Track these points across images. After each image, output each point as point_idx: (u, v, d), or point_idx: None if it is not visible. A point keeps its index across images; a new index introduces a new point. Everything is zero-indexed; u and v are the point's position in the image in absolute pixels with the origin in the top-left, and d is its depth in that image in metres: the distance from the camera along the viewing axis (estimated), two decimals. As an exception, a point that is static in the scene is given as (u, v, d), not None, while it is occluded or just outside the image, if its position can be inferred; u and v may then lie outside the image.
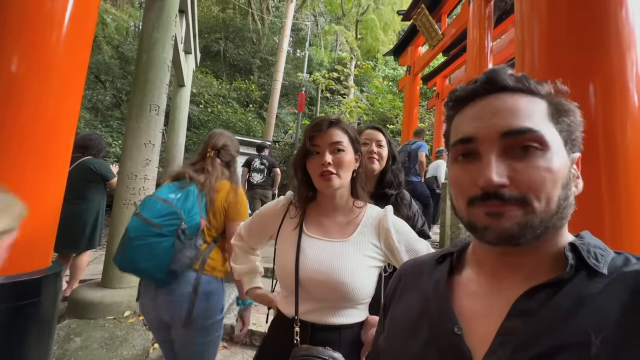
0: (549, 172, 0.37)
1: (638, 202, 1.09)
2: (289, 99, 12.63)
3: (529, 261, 0.39)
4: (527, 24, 1.35)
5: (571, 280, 0.36)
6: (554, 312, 0.35)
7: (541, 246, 0.39)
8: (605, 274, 0.35)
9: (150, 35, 3.02)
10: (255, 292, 1.08)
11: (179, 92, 5.80)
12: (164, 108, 3.11)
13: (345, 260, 0.83)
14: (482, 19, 4.11)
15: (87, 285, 2.80)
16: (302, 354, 0.75)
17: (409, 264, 0.57)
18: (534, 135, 0.37)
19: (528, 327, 0.35)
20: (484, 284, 0.42)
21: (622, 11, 1.15)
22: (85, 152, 3.01)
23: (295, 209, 0.95)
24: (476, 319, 0.40)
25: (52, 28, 1.50)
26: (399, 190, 1.38)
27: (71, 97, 1.60)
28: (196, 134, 9.74)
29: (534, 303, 0.36)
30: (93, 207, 3.01)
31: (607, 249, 0.39)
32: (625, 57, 1.13)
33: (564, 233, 0.41)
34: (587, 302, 0.34)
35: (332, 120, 0.90)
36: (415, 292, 0.49)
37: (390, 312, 0.52)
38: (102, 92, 10.11)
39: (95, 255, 4.18)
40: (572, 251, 0.37)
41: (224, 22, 13.47)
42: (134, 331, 2.38)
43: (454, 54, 5.91)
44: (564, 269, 0.36)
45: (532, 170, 0.36)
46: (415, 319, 0.45)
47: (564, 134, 0.40)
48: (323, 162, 0.85)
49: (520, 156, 0.37)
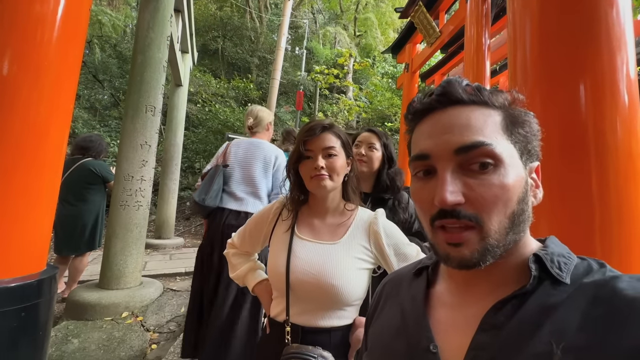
0: (502, 189, 0.36)
1: (627, 201, 1.09)
2: (287, 97, 12.60)
3: (494, 274, 0.40)
4: (519, 23, 1.35)
5: (535, 292, 0.36)
6: (519, 325, 0.35)
7: (504, 260, 0.39)
8: (568, 283, 0.35)
9: (145, 35, 3.01)
10: (263, 286, 1.01)
11: (176, 92, 5.79)
12: (160, 109, 3.11)
13: (335, 262, 0.84)
14: (479, 17, 4.08)
15: (85, 287, 2.82)
16: (292, 352, 0.76)
17: (389, 278, 0.57)
18: (486, 149, 0.36)
19: (496, 341, 0.35)
20: (456, 297, 0.42)
21: (613, 11, 1.15)
22: (85, 153, 3.02)
23: (287, 212, 0.95)
24: (450, 333, 0.40)
25: (44, 28, 1.49)
26: (395, 194, 1.39)
27: (64, 97, 1.60)
28: (194, 133, 9.73)
29: (501, 316, 0.36)
30: (93, 209, 3.02)
31: (571, 255, 0.39)
32: (616, 57, 1.13)
33: (527, 243, 0.40)
34: (550, 313, 0.34)
35: (325, 125, 0.91)
36: (394, 306, 0.49)
37: (372, 328, 0.52)
38: (100, 91, 10.10)
39: (93, 256, 4.20)
40: (536, 262, 0.37)
41: (222, 20, 13.40)
42: (132, 332, 2.39)
43: (452, 52, 5.87)
44: (529, 280, 0.37)
45: (486, 189, 0.36)
46: (394, 336, 0.45)
47: (519, 145, 0.39)
48: (316, 166, 0.87)
49: (475, 172, 0.37)
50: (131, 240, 2.83)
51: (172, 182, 5.64)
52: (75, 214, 2.91)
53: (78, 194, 2.93)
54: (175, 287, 3.29)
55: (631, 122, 1.14)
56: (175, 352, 2.06)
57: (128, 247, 2.81)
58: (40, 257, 1.49)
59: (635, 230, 1.10)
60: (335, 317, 0.84)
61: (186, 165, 8.68)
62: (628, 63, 1.14)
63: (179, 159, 5.83)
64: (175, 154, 5.72)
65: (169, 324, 2.54)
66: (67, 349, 2.17)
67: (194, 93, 10.18)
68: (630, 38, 1.16)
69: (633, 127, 1.14)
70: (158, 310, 2.71)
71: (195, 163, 9.05)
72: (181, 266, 4.03)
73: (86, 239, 2.98)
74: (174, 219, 5.77)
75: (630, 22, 1.17)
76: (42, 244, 1.51)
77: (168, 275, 3.70)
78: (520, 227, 0.38)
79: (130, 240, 2.82)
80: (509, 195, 0.36)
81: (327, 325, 0.83)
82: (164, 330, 2.44)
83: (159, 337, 2.36)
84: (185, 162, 8.38)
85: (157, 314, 2.66)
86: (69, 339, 2.27)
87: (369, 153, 1.37)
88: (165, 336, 2.37)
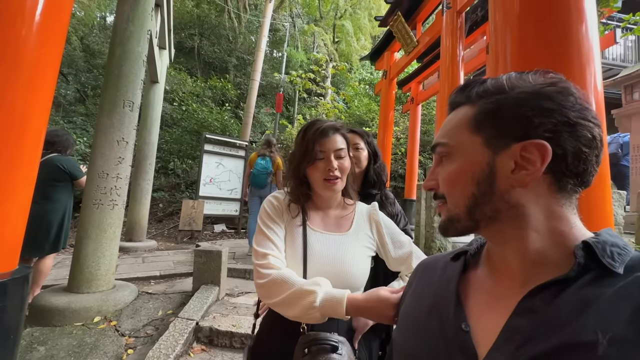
0: (452, 174, 0.44)
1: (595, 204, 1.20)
2: (266, 98, 12.49)
3: (533, 261, 0.40)
4: (500, 36, 1.46)
5: (580, 279, 0.36)
6: (559, 311, 0.34)
7: (542, 248, 0.39)
8: (621, 274, 0.34)
9: (124, 28, 2.90)
10: (331, 295, 0.74)
11: (152, 89, 5.58)
12: (138, 104, 2.99)
13: (348, 251, 0.89)
14: (454, 29, 4.32)
15: (51, 291, 2.63)
16: (312, 339, 0.76)
17: (425, 260, 0.60)
18: (443, 148, 0.46)
19: (532, 325, 0.35)
20: (494, 282, 0.43)
21: (582, 27, 1.27)
22: (50, 148, 2.81)
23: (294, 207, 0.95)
24: (484, 316, 0.41)
25: (23, 21, 1.41)
26: (382, 189, 1.44)
27: (42, 93, 1.51)
28: (169, 132, 9.38)
29: (539, 301, 0.36)
30: (59, 208, 2.82)
31: (627, 247, 0.38)
32: (585, 70, 1.25)
33: (572, 233, 0.39)
34: (596, 302, 0.33)
35: (337, 127, 0.94)
36: (428, 287, 0.51)
37: (404, 305, 0.55)
38: (65, 86, 9.47)
39: (57, 260, 3.92)
40: (584, 250, 0.37)
41: (199, 18, 13.08)
42: (105, 337, 2.26)
43: (428, 61, 6.14)
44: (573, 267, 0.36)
45: (443, 175, 0.46)
46: (426, 313, 0.47)
47: (486, 133, 0.41)
48: (330, 168, 0.89)
49: (441, 163, 0.47)
50: (105, 241, 2.69)
51: (146, 182, 5.42)
52: (39, 214, 2.68)
53: (43, 191, 2.68)
54: (151, 290, 3.15)
55: (597, 129, 1.26)
56: (154, 357, 1.98)
57: (101, 248, 2.66)
58: (12, 256, 1.39)
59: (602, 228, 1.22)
60: None
61: (159, 166, 8.34)
62: (595, 76, 1.26)
63: (154, 158, 5.61)
64: (150, 153, 5.50)
65: (145, 327, 2.43)
66: (32, 357, 2.02)
67: (170, 91, 9.84)
68: (597, 53, 1.29)
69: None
70: (133, 314, 2.58)
71: (169, 164, 8.71)
72: (155, 269, 3.87)
73: (51, 240, 2.77)
74: (147, 220, 5.52)
75: (597, 39, 1.31)
76: (15, 242, 1.41)
77: (142, 279, 3.53)
78: (489, 207, 0.41)
79: (103, 241, 2.68)
80: (461, 179, 0.43)
81: None
82: (140, 335, 2.33)
83: (135, 342, 2.25)
84: (159, 162, 8.04)
85: (133, 317, 2.53)
86: (34, 347, 2.11)
87: (356, 154, 1.41)
88: (142, 340, 2.27)
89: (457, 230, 0.44)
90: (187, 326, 2.33)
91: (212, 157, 6.59)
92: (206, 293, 2.86)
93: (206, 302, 2.69)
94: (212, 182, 6.58)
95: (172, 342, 2.13)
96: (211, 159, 6.58)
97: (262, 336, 0.93)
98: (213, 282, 3.00)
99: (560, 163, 0.38)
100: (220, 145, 6.80)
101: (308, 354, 0.75)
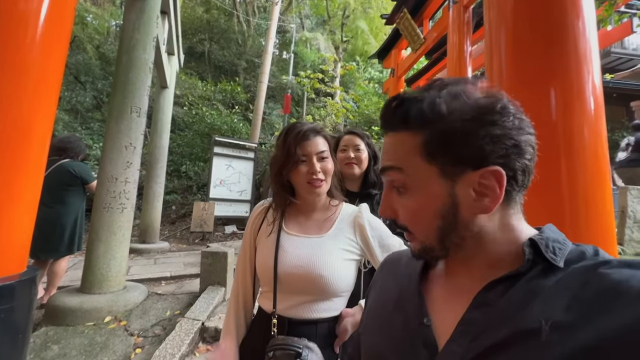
0: (417, 209, 0.42)
1: (594, 198, 1.17)
2: (275, 100, 12.59)
3: (488, 258, 0.42)
4: (495, 32, 1.43)
5: (528, 273, 0.38)
6: (510, 303, 0.37)
7: (496, 246, 0.41)
8: (562, 267, 0.37)
9: (130, 36, 2.99)
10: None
11: (162, 94, 5.72)
12: (145, 110, 3.07)
13: (322, 253, 0.87)
14: (461, 24, 4.24)
15: (65, 292, 2.74)
16: (278, 344, 0.77)
17: (390, 257, 0.61)
18: (396, 174, 0.43)
19: (486, 317, 0.38)
20: (452, 278, 0.46)
21: (579, 22, 1.23)
22: (63, 154, 2.93)
23: (273, 212, 0.97)
24: (444, 309, 0.43)
25: (27, 27, 1.47)
26: (382, 190, 1.44)
27: (47, 98, 1.58)
28: (180, 136, 9.58)
29: (492, 295, 0.39)
30: (72, 211, 2.93)
31: (566, 242, 0.41)
32: (582, 66, 1.21)
33: (522, 230, 0.42)
34: (541, 293, 0.36)
35: (316, 129, 0.94)
36: (393, 281, 0.53)
37: (370, 299, 0.56)
38: (82, 93, 9.82)
39: (73, 262, 4.08)
40: (531, 246, 0.39)
41: (209, 23, 13.32)
42: (115, 337, 2.34)
43: (436, 58, 6.06)
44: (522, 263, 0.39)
45: (402, 210, 0.44)
46: (391, 309, 0.49)
47: (440, 161, 0.40)
48: (313, 171, 0.89)
49: (397, 192, 0.44)
50: (115, 243, 2.78)
51: (158, 185, 5.55)
52: (53, 217, 2.81)
53: (56, 196, 2.82)
54: (160, 291, 3.23)
55: (597, 126, 1.22)
56: (160, 356, 2.03)
57: (111, 250, 2.75)
58: (20, 258, 1.45)
59: (602, 225, 1.18)
60: (322, 310, 0.87)
61: (172, 169, 8.54)
62: (593, 72, 1.22)
63: (165, 161, 5.75)
64: (161, 156, 5.63)
65: (154, 327, 2.49)
66: (46, 355, 2.11)
67: (180, 96, 10.05)
68: (595, 49, 1.25)
69: (598, 130, 1.23)
70: (143, 315, 2.66)
71: (182, 166, 8.91)
72: (166, 270, 3.96)
73: (65, 242, 2.89)
74: (159, 222, 5.66)
75: (595, 35, 1.26)
76: (23, 245, 1.47)
77: (153, 280, 3.63)
78: (460, 233, 0.41)
79: (113, 243, 2.77)
80: (425, 214, 0.42)
81: (314, 317, 0.86)
82: (148, 334, 2.40)
83: (143, 341, 2.31)
84: (171, 165, 8.24)
85: (142, 318, 2.61)
86: (48, 345, 2.20)
87: (357, 155, 1.42)
88: (150, 340, 2.33)
89: (433, 257, 0.45)
90: (193, 326, 2.38)
91: (222, 159, 6.70)
92: (212, 294, 2.91)
93: (212, 303, 2.74)
94: (222, 184, 6.69)
95: (178, 341, 2.19)
96: (221, 161, 6.69)
97: (250, 331, 0.95)
98: (219, 283, 3.06)
99: (511, 182, 0.40)
100: (230, 147, 6.90)
101: (272, 358, 0.76)
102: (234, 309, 0.97)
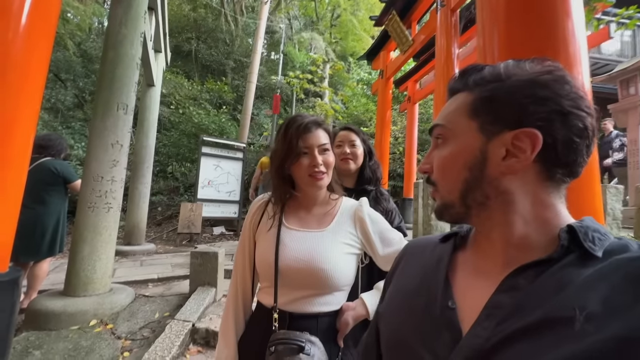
0: (448, 158, 0.45)
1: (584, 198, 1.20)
2: (264, 100, 12.49)
3: (520, 243, 0.41)
4: (487, 34, 1.46)
5: (561, 260, 0.37)
6: (541, 289, 0.36)
7: (528, 230, 0.41)
8: (600, 257, 0.36)
9: (117, 31, 2.91)
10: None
11: (148, 92, 5.59)
12: (132, 107, 3.00)
13: (323, 247, 0.87)
14: (448, 27, 4.32)
15: (47, 295, 2.63)
16: (280, 338, 0.77)
17: (414, 241, 0.60)
18: (440, 130, 0.46)
19: (514, 301, 0.37)
20: (480, 263, 0.45)
21: (569, 23, 1.27)
22: (43, 152, 2.81)
23: (273, 207, 0.96)
24: (470, 294, 0.42)
25: (9, 22, 1.41)
26: (378, 186, 1.44)
27: (31, 95, 1.51)
28: (167, 136, 9.38)
29: (522, 279, 0.38)
30: (54, 211, 2.82)
31: (607, 234, 0.39)
32: (573, 68, 1.25)
33: (559, 217, 0.41)
34: (575, 281, 0.35)
35: (318, 121, 0.93)
36: (417, 266, 0.52)
37: (392, 284, 0.55)
38: (63, 91, 9.48)
39: (55, 264, 3.92)
40: (568, 233, 0.38)
41: (195, 21, 13.11)
42: (101, 340, 2.26)
43: (424, 60, 6.15)
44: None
45: (437, 159, 0.46)
46: (415, 291, 0.48)
47: (482, 118, 0.42)
48: (315, 164, 0.88)
49: (437, 147, 0.47)
50: (100, 244, 2.69)
51: (144, 185, 5.41)
52: (33, 218, 2.68)
53: (36, 196, 2.69)
54: (148, 293, 3.15)
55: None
56: (150, 359, 1.97)
57: (97, 251, 2.66)
58: (2, 259, 1.39)
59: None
60: (323, 303, 0.86)
61: (157, 170, 8.34)
62: (583, 74, 1.26)
63: (151, 161, 5.61)
64: (147, 156, 5.50)
65: (142, 330, 2.42)
66: (27, 361, 2.02)
67: (167, 95, 9.84)
68: (584, 52, 1.28)
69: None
70: (130, 317, 2.58)
71: (168, 167, 8.72)
72: (153, 272, 3.86)
73: (46, 244, 2.77)
74: (145, 224, 5.52)
75: (584, 35, 1.30)
76: (4, 244, 1.41)
77: (140, 282, 3.52)
78: (485, 191, 0.42)
79: (99, 244, 2.68)
80: (454, 164, 0.44)
81: (315, 311, 0.85)
82: (137, 337, 2.33)
83: (131, 345, 2.25)
84: (157, 166, 8.04)
85: (129, 320, 2.53)
86: (29, 351, 2.11)
87: (353, 150, 1.42)
88: (138, 343, 2.26)
89: (451, 216, 0.46)
90: (184, 328, 2.32)
91: (210, 159, 6.60)
92: (203, 295, 2.85)
93: (203, 304, 2.68)
94: (210, 185, 6.58)
95: (168, 344, 2.13)
96: (209, 161, 6.58)
97: (249, 327, 0.93)
98: (210, 283, 3.00)
99: (550, 152, 0.39)
100: (218, 147, 6.80)
101: (274, 353, 0.75)
102: (233, 307, 0.94)
